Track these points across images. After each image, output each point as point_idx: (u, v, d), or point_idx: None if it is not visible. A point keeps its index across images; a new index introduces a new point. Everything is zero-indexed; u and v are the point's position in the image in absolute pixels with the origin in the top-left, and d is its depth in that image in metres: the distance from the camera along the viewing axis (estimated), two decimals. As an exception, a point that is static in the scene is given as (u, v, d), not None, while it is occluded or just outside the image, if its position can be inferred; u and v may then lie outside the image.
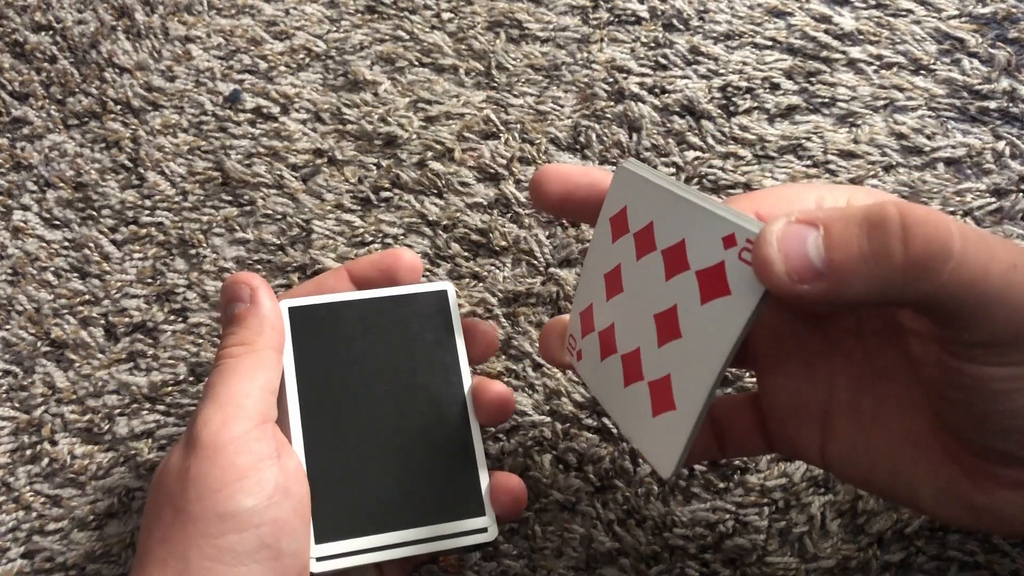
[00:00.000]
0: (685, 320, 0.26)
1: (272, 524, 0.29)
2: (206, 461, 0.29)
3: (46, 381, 0.42)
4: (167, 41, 0.49)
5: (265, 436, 0.31)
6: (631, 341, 0.29)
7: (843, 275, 0.21)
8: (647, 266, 0.28)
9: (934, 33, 0.44)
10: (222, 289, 0.34)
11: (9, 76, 0.49)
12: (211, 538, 0.28)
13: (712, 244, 0.25)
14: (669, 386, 0.27)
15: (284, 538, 0.29)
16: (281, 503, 0.30)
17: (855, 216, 0.21)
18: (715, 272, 0.25)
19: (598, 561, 0.37)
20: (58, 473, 0.41)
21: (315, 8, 0.50)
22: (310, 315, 0.35)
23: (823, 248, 0.21)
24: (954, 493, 0.26)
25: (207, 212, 0.45)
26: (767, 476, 0.38)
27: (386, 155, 0.45)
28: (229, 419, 0.30)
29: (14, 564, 0.39)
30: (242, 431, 0.30)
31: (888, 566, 0.36)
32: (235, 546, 0.28)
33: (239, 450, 0.30)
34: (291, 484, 0.31)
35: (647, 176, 0.28)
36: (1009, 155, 0.41)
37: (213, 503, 0.29)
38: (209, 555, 0.28)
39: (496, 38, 0.48)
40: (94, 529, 0.40)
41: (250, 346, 0.33)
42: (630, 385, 0.29)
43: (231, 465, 0.29)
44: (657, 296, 0.27)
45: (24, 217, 0.46)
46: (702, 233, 0.25)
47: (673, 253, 0.26)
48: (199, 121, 0.47)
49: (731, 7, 0.47)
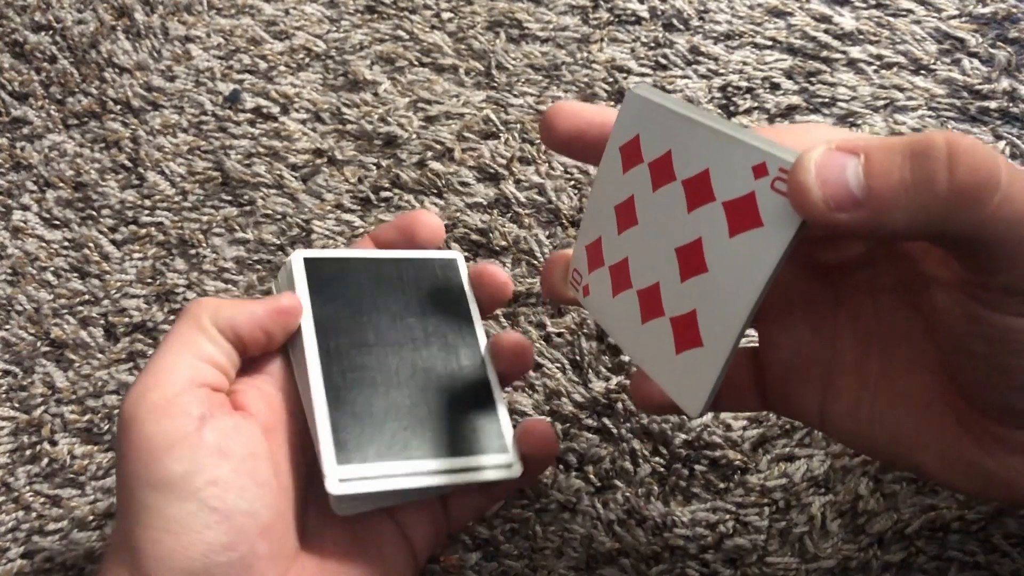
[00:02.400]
0: (712, 254, 0.25)
1: (213, 486, 0.28)
2: (131, 434, 0.28)
3: (46, 381, 0.42)
4: (167, 41, 0.49)
5: (190, 400, 0.29)
6: (649, 276, 0.27)
7: (884, 204, 0.20)
8: (665, 197, 0.26)
9: (934, 33, 0.44)
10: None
11: (9, 76, 0.49)
12: (153, 511, 0.28)
13: (741, 173, 0.23)
14: (695, 322, 0.26)
15: (229, 497, 0.28)
16: (219, 463, 0.29)
17: (898, 144, 0.20)
18: (745, 203, 0.23)
19: (598, 561, 0.37)
20: (58, 473, 0.41)
21: (315, 8, 0.49)
22: (325, 267, 0.35)
23: (863, 176, 0.21)
24: (961, 458, 0.25)
25: (207, 212, 0.45)
26: (767, 476, 0.38)
27: (386, 155, 0.45)
28: (147, 388, 0.29)
29: (14, 564, 0.39)
30: (161, 398, 0.29)
31: (888, 566, 0.36)
32: (179, 515, 0.28)
33: (159, 417, 0.29)
34: (228, 443, 0.29)
35: (662, 103, 0.26)
36: (1009, 155, 0.41)
37: (146, 475, 0.28)
38: (156, 527, 0.27)
39: (496, 38, 0.47)
40: (94, 529, 0.39)
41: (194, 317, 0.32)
42: (649, 322, 0.27)
43: (154, 435, 0.28)
44: (678, 229, 0.26)
45: (24, 217, 0.46)
46: (729, 162, 0.24)
47: (696, 183, 0.25)
48: (199, 121, 0.47)
49: (731, 7, 0.47)
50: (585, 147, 0.30)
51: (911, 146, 0.20)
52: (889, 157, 0.20)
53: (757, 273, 0.23)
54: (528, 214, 0.44)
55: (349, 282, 0.35)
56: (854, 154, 0.21)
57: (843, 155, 0.21)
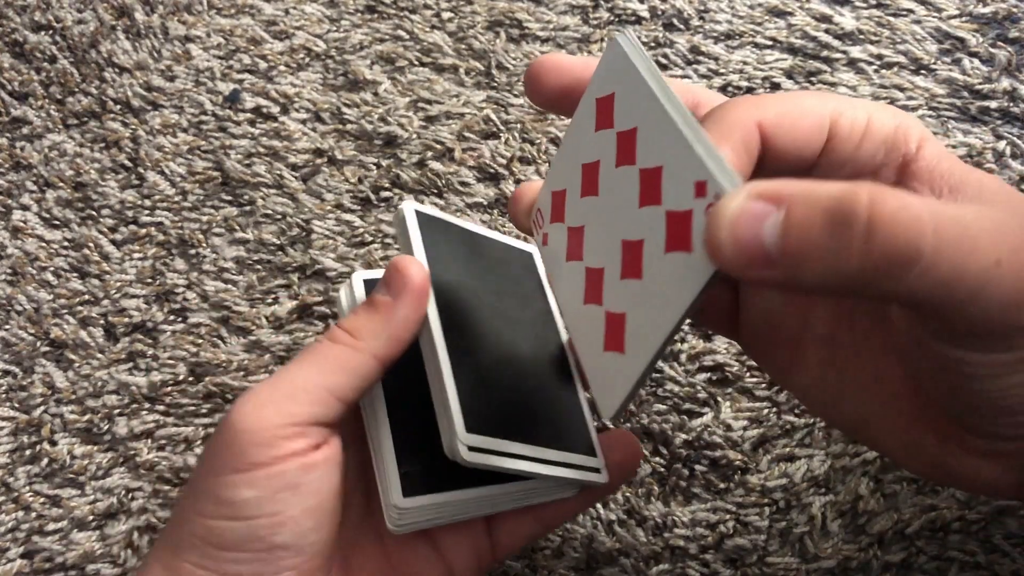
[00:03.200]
0: (649, 262, 0.23)
1: (270, 518, 0.27)
2: (225, 439, 0.28)
3: (46, 381, 0.42)
4: (167, 41, 0.49)
5: (299, 436, 0.28)
6: (598, 258, 0.26)
7: (798, 266, 0.19)
8: (624, 180, 0.24)
9: (935, 33, 0.44)
10: (390, 263, 0.30)
11: (9, 76, 0.49)
12: (203, 517, 0.27)
13: (686, 185, 0.21)
14: (623, 326, 0.24)
15: (281, 532, 0.28)
16: (288, 499, 0.28)
17: (822, 200, 0.19)
18: (683, 220, 0.21)
19: (599, 561, 0.37)
20: (58, 473, 0.41)
21: (315, 8, 0.49)
22: (434, 226, 0.32)
23: (780, 234, 0.19)
24: (924, 450, 0.25)
25: (207, 212, 0.45)
26: (767, 476, 0.38)
27: (386, 155, 0.45)
28: (266, 404, 0.28)
29: (13, 564, 0.39)
30: (274, 424, 0.27)
31: (889, 566, 0.36)
32: (223, 531, 0.27)
33: (261, 442, 0.27)
34: (309, 481, 0.28)
35: (639, 67, 0.24)
36: (1010, 155, 0.41)
37: (215, 484, 0.27)
38: (199, 534, 0.27)
39: (496, 38, 0.47)
40: (94, 529, 0.39)
41: (354, 342, 0.29)
42: (589, 304, 0.26)
43: (244, 453, 0.27)
44: (628, 220, 0.24)
45: (24, 217, 0.46)
46: (680, 167, 0.22)
47: (650, 178, 0.23)
48: (199, 121, 0.47)
49: (731, 7, 0.47)
50: (573, 104, 0.28)
51: (832, 206, 0.19)
52: (809, 215, 0.19)
53: (676, 303, 0.22)
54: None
55: (453, 247, 0.32)
56: (776, 204, 0.19)
57: (763, 207, 0.19)
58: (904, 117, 0.25)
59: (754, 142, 0.24)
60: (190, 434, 0.41)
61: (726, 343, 0.39)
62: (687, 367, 0.39)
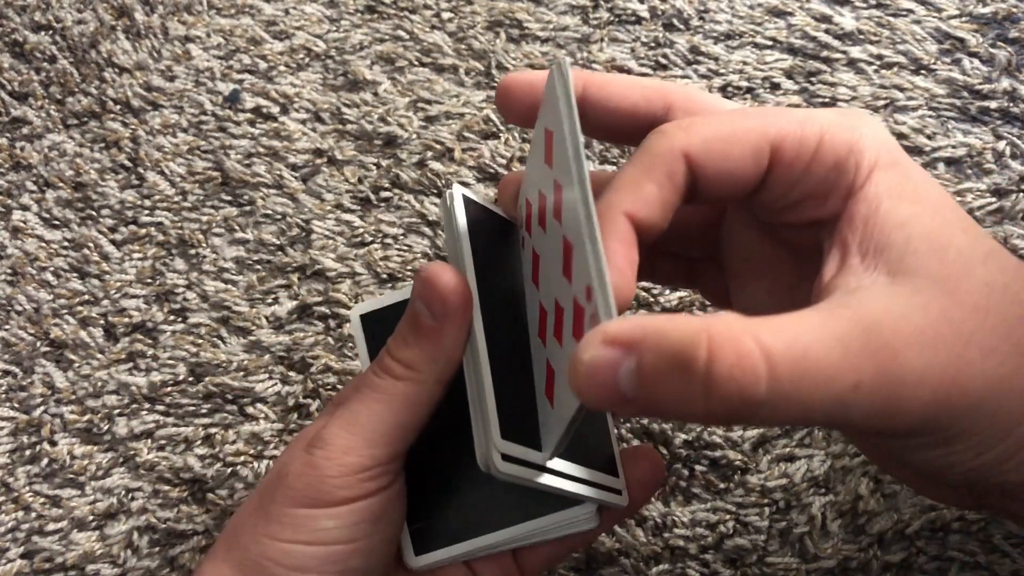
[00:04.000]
0: (566, 334, 0.23)
1: (348, 544, 0.28)
2: (307, 480, 0.28)
3: (45, 381, 0.42)
4: (167, 41, 0.49)
5: (382, 475, 0.28)
6: (545, 299, 0.25)
7: (654, 407, 0.19)
8: (557, 234, 0.24)
9: (935, 33, 0.44)
10: (417, 275, 0.28)
11: (8, 76, 0.49)
12: (278, 540, 0.28)
13: (582, 280, 0.21)
14: (554, 381, 0.24)
15: (356, 557, 0.28)
16: (367, 529, 0.28)
17: (669, 349, 0.19)
18: (581, 314, 0.21)
19: (598, 561, 0.37)
20: (57, 473, 0.41)
21: (315, 8, 0.49)
22: (480, 214, 0.30)
23: (633, 382, 0.19)
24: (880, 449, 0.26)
25: (207, 212, 0.45)
26: (767, 476, 0.38)
27: (386, 155, 0.45)
28: (348, 452, 0.28)
29: (13, 564, 0.39)
30: (359, 468, 0.28)
31: (889, 566, 0.36)
32: (300, 554, 0.27)
33: (346, 485, 0.28)
34: (390, 511, 0.29)
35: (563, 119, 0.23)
36: (1010, 155, 0.41)
37: (294, 514, 0.28)
38: (271, 555, 0.27)
39: (496, 38, 0.47)
40: (94, 529, 0.39)
41: (415, 373, 0.28)
42: (537, 340, 0.26)
43: (330, 493, 0.28)
44: (557, 282, 0.24)
45: (23, 217, 0.46)
46: (581, 257, 0.21)
47: (567, 250, 0.23)
48: (199, 121, 0.47)
49: (731, 7, 0.47)
50: None
51: (676, 357, 0.19)
52: (658, 364, 0.19)
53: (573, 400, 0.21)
54: (528, 214, 0.44)
55: (496, 239, 0.30)
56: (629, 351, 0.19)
57: (617, 355, 0.19)
58: (863, 134, 0.24)
59: (679, 173, 0.24)
60: (190, 434, 0.41)
61: (726, 343, 0.39)
62: (687, 367, 0.39)
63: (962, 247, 0.22)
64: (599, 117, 0.28)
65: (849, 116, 0.25)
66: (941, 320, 0.21)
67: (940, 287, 0.21)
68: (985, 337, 0.21)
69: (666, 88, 0.27)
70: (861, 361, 0.20)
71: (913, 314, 0.21)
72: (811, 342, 0.19)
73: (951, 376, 0.20)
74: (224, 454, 0.40)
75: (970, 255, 0.22)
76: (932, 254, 0.22)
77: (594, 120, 0.28)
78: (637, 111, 0.27)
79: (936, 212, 0.23)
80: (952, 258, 0.22)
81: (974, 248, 0.23)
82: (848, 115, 0.25)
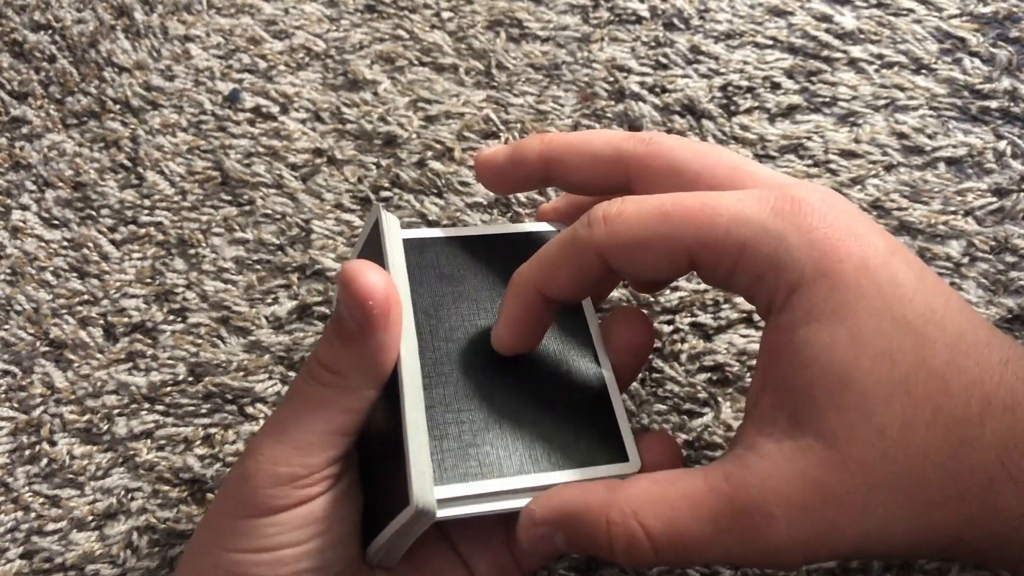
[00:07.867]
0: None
1: (295, 548, 0.28)
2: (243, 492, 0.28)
3: (45, 381, 0.42)
4: (166, 40, 0.49)
5: (320, 480, 0.28)
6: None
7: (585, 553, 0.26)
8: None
9: (935, 32, 0.44)
10: (339, 277, 0.27)
11: (8, 75, 0.49)
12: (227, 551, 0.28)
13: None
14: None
15: (307, 559, 0.27)
16: (313, 529, 0.28)
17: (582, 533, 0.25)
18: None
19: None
20: (57, 473, 0.41)
21: (315, 7, 0.49)
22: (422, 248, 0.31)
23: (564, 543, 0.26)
24: None
25: (206, 212, 0.45)
26: (768, 476, 0.38)
27: (386, 155, 0.45)
28: (279, 463, 0.27)
29: (13, 565, 0.39)
30: (293, 477, 0.27)
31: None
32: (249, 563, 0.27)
33: (279, 495, 0.27)
34: (335, 510, 0.28)
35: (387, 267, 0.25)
36: (1010, 155, 0.41)
37: (238, 524, 0.28)
38: (223, 565, 0.27)
39: (496, 37, 0.47)
40: (93, 529, 0.39)
41: (342, 379, 0.27)
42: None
43: (267, 504, 0.27)
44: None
45: (23, 217, 0.46)
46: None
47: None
48: (198, 120, 0.47)
49: (732, 6, 0.47)
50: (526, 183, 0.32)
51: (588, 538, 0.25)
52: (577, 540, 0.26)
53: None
54: (528, 214, 0.43)
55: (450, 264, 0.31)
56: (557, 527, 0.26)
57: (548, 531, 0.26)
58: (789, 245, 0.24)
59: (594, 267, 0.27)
60: (190, 434, 0.41)
61: (726, 343, 0.39)
62: (687, 367, 0.39)
63: (867, 386, 0.23)
64: (567, 187, 0.32)
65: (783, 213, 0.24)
66: (814, 488, 0.23)
67: (827, 445, 0.23)
68: (863, 495, 0.22)
69: (626, 159, 0.29)
70: (730, 537, 0.23)
71: (790, 485, 0.23)
72: (688, 522, 0.24)
73: (816, 541, 0.23)
74: (224, 454, 0.40)
75: (873, 395, 0.23)
76: (830, 401, 0.23)
77: (563, 187, 0.32)
78: (600, 184, 0.30)
79: (855, 334, 0.23)
80: (851, 403, 0.23)
81: (880, 383, 0.23)
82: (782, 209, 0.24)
